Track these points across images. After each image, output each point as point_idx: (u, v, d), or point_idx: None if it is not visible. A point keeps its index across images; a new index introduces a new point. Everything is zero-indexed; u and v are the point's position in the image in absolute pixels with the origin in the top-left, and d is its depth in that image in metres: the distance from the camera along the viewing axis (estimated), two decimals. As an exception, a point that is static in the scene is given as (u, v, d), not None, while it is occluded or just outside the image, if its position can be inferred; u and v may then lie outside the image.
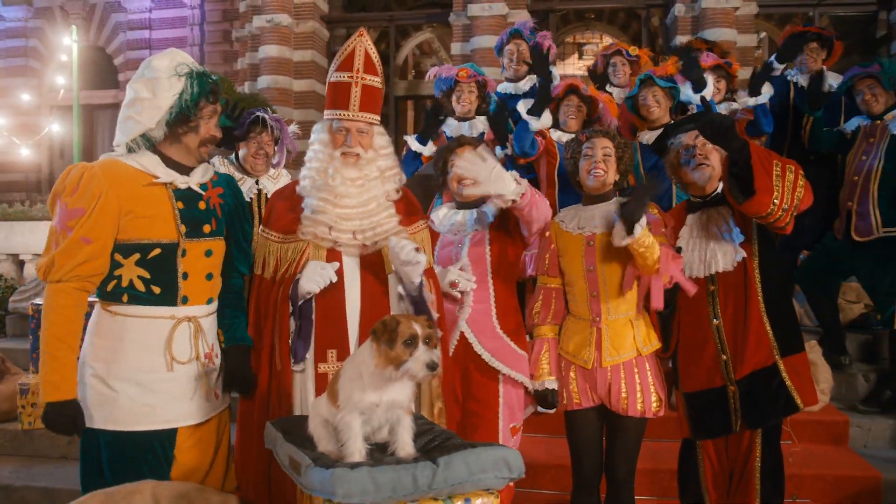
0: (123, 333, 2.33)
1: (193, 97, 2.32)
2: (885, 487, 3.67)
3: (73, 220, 2.24)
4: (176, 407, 2.37)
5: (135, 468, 2.29)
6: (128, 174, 2.33)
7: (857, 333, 5.01)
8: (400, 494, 1.80)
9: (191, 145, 2.41)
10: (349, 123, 2.61)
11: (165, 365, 2.35)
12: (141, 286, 2.33)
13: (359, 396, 1.95)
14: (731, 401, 2.76)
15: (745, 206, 2.55)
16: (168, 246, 2.35)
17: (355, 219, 2.58)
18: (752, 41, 10.14)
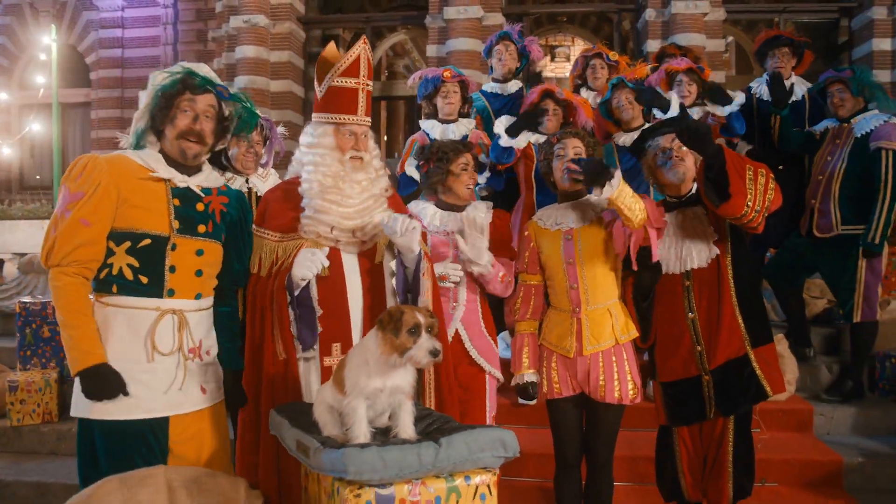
0: (110, 323, 2.38)
1: (164, 87, 2.43)
2: (846, 471, 3.89)
3: (73, 202, 2.31)
4: (157, 398, 2.40)
5: (128, 458, 2.33)
6: (130, 167, 2.42)
7: (820, 327, 5.21)
8: (406, 472, 1.93)
9: (170, 137, 2.46)
10: (356, 128, 2.70)
11: (147, 355, 2.39)
12: (129, 274, 2.38)
13: (364, 382, 2.08)
14: (705, 389, 2.93)
15: (721, 209, 2.70)
16: (158, 238, 2.41)
17: (356, 217, 2.70)
18: (720, 46, 10.37)
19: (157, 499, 2.17)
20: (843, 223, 4.41)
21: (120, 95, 15.10)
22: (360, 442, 2.03)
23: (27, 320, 4.75)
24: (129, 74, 15.12)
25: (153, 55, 15.08)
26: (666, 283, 2.91)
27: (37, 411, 4.47)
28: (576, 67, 5.53)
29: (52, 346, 4.80)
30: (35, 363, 4.77)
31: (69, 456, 4.35)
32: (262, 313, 2.69)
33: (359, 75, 2.68)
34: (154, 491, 2.18)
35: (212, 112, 2.53)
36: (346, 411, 2.12)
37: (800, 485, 3.85)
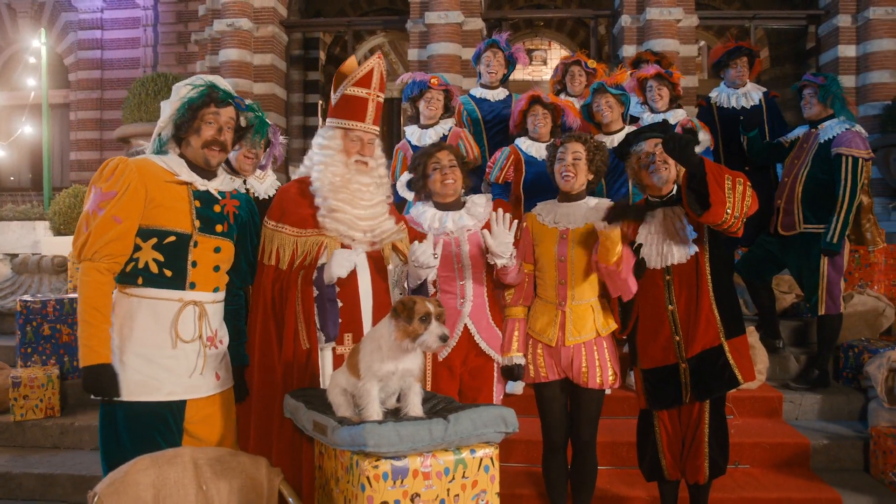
0: (135, 312, 2.56)
1: (192, 100, 2.61)
2: (813, 452, 4.16)
3: (105, 201, 2.48)
4: (179, 381, 2.59)
5: (150, 438, 2.51)
6: (156, 170, 2.60)
7: (789, 320, 5.48)
8: (418, 445, 2.14)
9: (195, 146, 2.65)
10: (363, 134, 2.92)
11: (171, 342, 2.57)
12: (155, 268, 2.56)
13: (378, 366, 2.29)
14: (682, 376, 3.16)
15: (703, 217, 2.91)
16: (182, 235, 2.60)
17: (368, 219, 2.92)
18: (692, 51, 10.66)
19: (185, 476, 2.35)
20: (804, 222, 4.69)
21: (99, 97, 15.09)
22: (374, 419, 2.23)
23: (28, 318, 4.87)
24: (108, 76, 15.11)
25: (133, 57, 15.09)
26: (647, 278, 3.14)
27: (39, 406, 4.59)
28: (556, 73, 5.74)
29: (51, 343, 4.93)
30: (36, 360, 4.89)
31: (72, 449, 4.51)
32: (282, 304, 2.87)
33: (370, 86, 2.90)
34: (182, 469, 2.36)
35: (232, 123, 2.73)
36: (360, 393, 2.33)
37: (770, 466, 4.11)
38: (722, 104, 5.40)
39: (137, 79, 8.54)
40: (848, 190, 4.50)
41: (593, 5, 12.79)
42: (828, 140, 4.64)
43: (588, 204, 3.24)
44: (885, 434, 3.98)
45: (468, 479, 2.24)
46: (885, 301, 5.31)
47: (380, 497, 2.11)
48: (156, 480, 2.30)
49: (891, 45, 10.00)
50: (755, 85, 5.49)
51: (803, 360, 5.04)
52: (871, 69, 10.06)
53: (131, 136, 8.24)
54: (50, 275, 6.05)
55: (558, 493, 3.35)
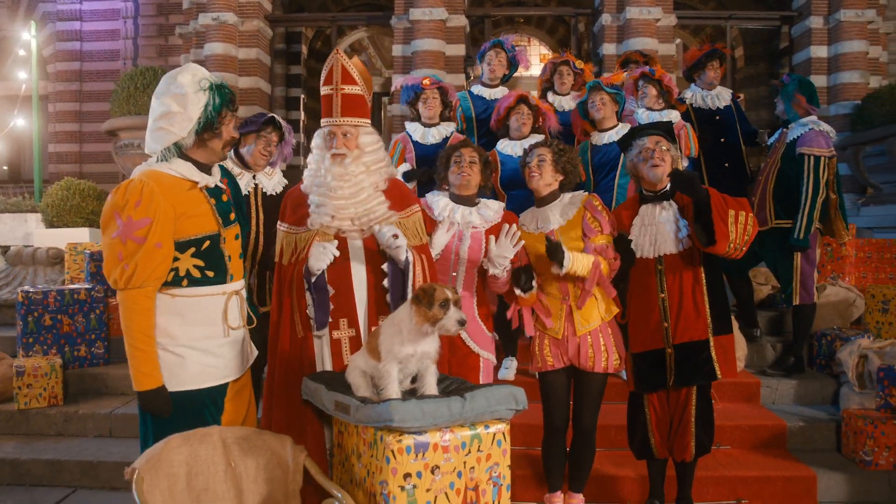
0: (185, 310, 2.67)
1: (216, 107, 2.69)
2: (789, 434, 4.40)
3: (141, 229, 2.53)
4: (230, 364, 2.78)
5: (201, 419, 2.66)
6: (172, 182, 2.66)
7: (765, 311, 5.74)
8: (438, 421, 2.32)
9: (216, 148, 2.76)
10: (335, 128, 3.03)
11: (223, 332, 2.74)
12: (197, 273, 2.68)
13: (398, 349, 2.46)
14: (668, 361, 3.37)
15: (708, 249, 3.14)
16: (213, 237, 2.72)
17: (350, 207, 3.02)
18: (671, 50, 10.89)
19: (215, 454, 2.51)
20: (776, 217, 4.94)
21: (78, 89, 15.00)
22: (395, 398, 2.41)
23: (29, 309, 4.95)
24: (88, 68, 15.02)
25: (113, 49, 15.01)
26: (640, 266, 3.35)
27: (43, 395, 4.69)
28: (545, 72, 5.92)
29: (52, 333, 5.02)
30: (37, 350, 4.98)
31: (76, 437, 4.62)
32: (280, 298, 3.06)
33: (332, 82, 3.02)
34: (212, 448, 2.51)
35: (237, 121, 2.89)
36: (380, 374, 2.50)
37: (750, 447, 4.35)
38: (697, 105, 5.64)
39: (125, 72, 8.58)
40: (811, 188, 4.75)
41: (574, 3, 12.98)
42: (794, 139, 4.88)
43: (563, 200, 3.41)
44: (855, 416, 4.23)
45: (483, 453, 2.43)
46: (855, 292, 5.58)
47: (403, 469, 2.29)
48: (188, 458, 2.45)
49: (861, 46, 10.34)
50: (722, 87, 5.73)
51: (779, 348, 5.29)
52: (841, 69, 10.39)
53: (119, 129, 8.26)
54: (45, 266, 6.11)
55: (556, 473, 3.54)
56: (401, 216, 3.14)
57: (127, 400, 4.86)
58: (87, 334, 5.11)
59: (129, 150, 8.22)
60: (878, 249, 6.15)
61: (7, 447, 4.41)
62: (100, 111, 15.00)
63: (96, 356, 5.16)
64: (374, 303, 3.04)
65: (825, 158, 4.75)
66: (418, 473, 2.31)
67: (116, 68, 15.01)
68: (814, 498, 3.97)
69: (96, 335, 5.15)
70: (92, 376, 5.04)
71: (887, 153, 9.12)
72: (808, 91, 4.94)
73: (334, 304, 3.01)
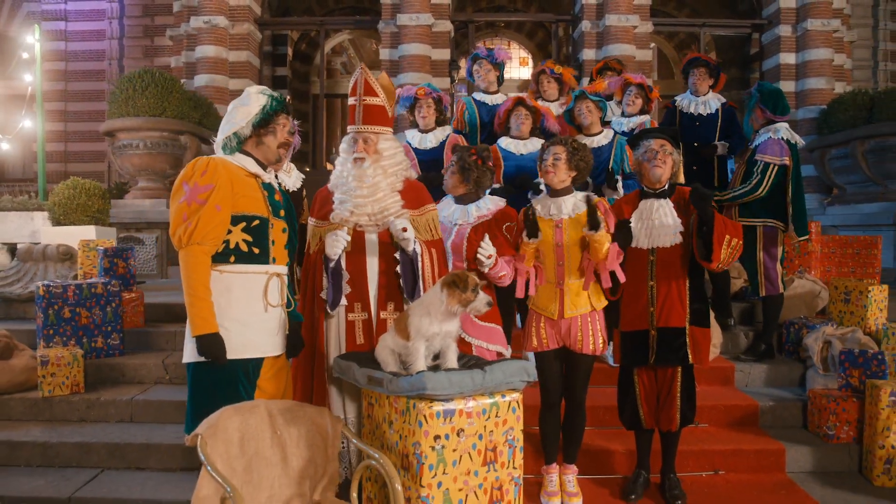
0: (231, 286, 3.00)
1: (272, 107, 3.09)
2: (760, 413, 4.82)
3: (204, 192, 2.90)
4: (268, 340, 3.09)
5: (235, 391, 2.97)
6: (234, 168, 3.06)
7: (738, 302, 6.15)
8: (464, 389, 2.68)
9: (271, 146, 3.14)
10: (357, 134, 3.45)
11: (263, 308, 3.06)
12: (245, 247, 3.03)
13: (427, 328, 2.82)
14: (651, 341, 3.77)
15: (700, 261, 3.56)
16: (263, 219, 3.08)
17: (368, 205, 3.42)
18: (648, 55, 11.37)
19: (262, 423, 2.84)
20: (739, 216, 5.35)
21: (63, 88, 15.14)
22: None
23: (50, 302, 5.21)
24: (73, 68, 15.17)
25: (98, 49, 15.17)
26: (636, 256, 3.74)
27: (66, 383, 4.95)
28: (532, 84, 6.31)
29: (71, 325, 5.28)
30: (57, 341, 5.24)
31: (99, 422, 4.88)
32: (308, 283, 3.43)
33: (356, 94, 3.45)
34: (259, 418, 2.84)
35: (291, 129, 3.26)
36: (409, 351, 2.86)
37: (725, 425, 4.76)
38: (683, 109, 6.06)
39: (125, 74, 8.78)
40: (752, 185, 5.16)
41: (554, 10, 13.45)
42: (756, 146, 5.31)
43: (576, 197, 3.79)
44: (820, 395, 4.65)
45: (500, 418, 2.80)
46: (820, 284, 6.03)
47: (434, 431, 2.65)
48: (240, 426, 2.77)
49: (826, 54, 10.89)
50: (717, 95, 6.15)
51: (751, 336, 5.71)
52: (808, 76, 10.94)
53: (118, 130, 8.48)
54: (55, 262, 6.35)
55: (551, 444, 3.91)
56: (414, 213, 3.52)
57: (145, 388, 5.14)
58: (104, 326, 5.38)
59: (127, 150, 8.44)
60: (840, 245, 6.62)
61: (35, 432, 4.66)
62: (86, 111, 15.17)
63: (112, 347, 5.43)
64: (384, 290, 3.44)
65: (773, 166, 5.15)
66: (446, 436, 2.67)
67: (102, 68, 15.18)
68: (782, 468, 4.39)
69: (112, 327, 5.42)
70: (109, 366, 5.31)
71: (850, 156, 9.66)
72: (772, 102, 5.28)
73: (350, 289, 3.40)
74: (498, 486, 2.82)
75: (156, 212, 8.41)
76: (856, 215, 9.55)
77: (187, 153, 8.88)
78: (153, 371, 5.30)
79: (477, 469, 2.76)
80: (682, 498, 3.88)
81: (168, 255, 8.55)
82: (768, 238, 5.27)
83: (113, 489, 4.12)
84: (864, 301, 5.42)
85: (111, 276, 5.78)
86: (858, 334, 5.14)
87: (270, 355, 3.13)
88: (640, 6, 10.96)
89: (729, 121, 6.01)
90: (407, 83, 10.62)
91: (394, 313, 3.37)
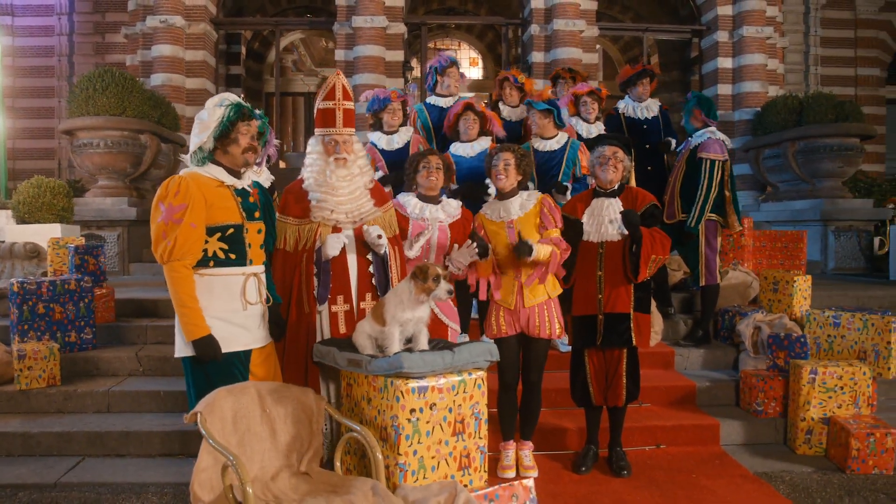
0: (212, 287, 3.26)
1: (229, 118, 3.30)
2: (698, 392, 5.27)
3: (179, 212, 3.14)
4: (249, 334, 3.35)
5: (231, 376, 3.25)
6: (205, 180, 3.28)
7: (678, 293, 6.62)
8: (436, 368, 3.04)
9: (235, 154, 3.35)
10: (337, 136, 3.71)
11: (242, 306, 3.32)
12: (222, 255, 3.28)
13: (401, 314, 3.15)
14: (598, 325, 4.17)
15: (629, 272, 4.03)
16: (237, 226, 3.32)
17: (347, 204, 3.72)
18: (594, 59, 11.86)
19: (253, 402, 3.13)
20: (681, 212, 5.80)
21: (11, 84, 14.89)
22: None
23: (24, 298, 5.35)
24: (20, 64, 14.96)
25: (47, 45, 14.99)
26: (586, 247, 4.13)
27: (42, 376, 5.11)
28: (497, 88, 6.63)
29: (45, 321, 5.43)
30: (31, 336, 5.38)
31: (76, 413, 5.05)
32: (289, 279, 3.69)
33: (335, 98, 3.71)
34: (250, 398, 3.14)
35: (256, 132, 3.48)
36: (385, 335, 3.19)
37: (666, 404, 5.21)
38: (629, 115, 6.50)
39: (85, 74, 8.84)
40: (705, 186, 5.62)
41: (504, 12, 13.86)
42: (696, 146, 5.78)
43: (522, 197, 4.15)
44: (750, 375, 5.13)
45: (467, 394, 3.16)
46: (752, 275, 6.54)
47: (409, 405, 2.99)
48: (233, 405, 3.07)
49: (761, 59, 11.54)
50: (653, 99, 6.62)
51: (690, 323, 6.18)
52: (744, 80, 11.58)
53: (77, 129, 8.56)
54: (23, 260, 6.47)
55: (509, 422, 4.28)
56: (382, 210, 3.86)
57: (120, 380, 5.33)
58: (77, 321, 5.55)
59: (87, 149, 8.53)
60: (771, 240, 7.18)
61: (14, 423, 4.82)
62: (33, 108, 15.01)
63: (86, 341, 5.60)
64: (363, 282, 3.75)
65: (719, 162, 5.63)
66: (420, 409, 3.02)
67: (51, 65, 15.01)
68: (717, 442, 4.85)
69: (85, 322, 5.59)
70: (84, 359, 5.48)
71: (782, 156, 10.31)
72: (706, 106, 5.79)
73: (333, 284, 3.69)
74: (466, 454, 3.18)
75: (117, 210, 8.52)
76: (787, 211, 10.19)
77: (147, 152, 9.00)
78: (127, 363, 5.49)
79: (447, 439, 3.11)
80: (627, 469, 4.28)
81: (129, 252, 8.67)
82: (710, 231, 5.74)
83: (97, 474, 4.32)
84: (790, 290, 5.94)
85: (82, 272, 5.94)
86: (785, 320, 5.64)
87: (253, 347, 3.39)
88: (587, 11, 11.43)
89: (667, 122, 6.50)
90: (361, 83, 10.95)
91: (371, 303, 3.68)
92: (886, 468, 4.42)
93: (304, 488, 3.00)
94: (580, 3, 11.30)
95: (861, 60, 16.01)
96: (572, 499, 3.94)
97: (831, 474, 4.41)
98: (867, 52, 15.99)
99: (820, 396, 4.72)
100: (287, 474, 3.09)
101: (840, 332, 5.30)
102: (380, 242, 3.65)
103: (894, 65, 16.62)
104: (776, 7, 12.10)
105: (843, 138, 9.69)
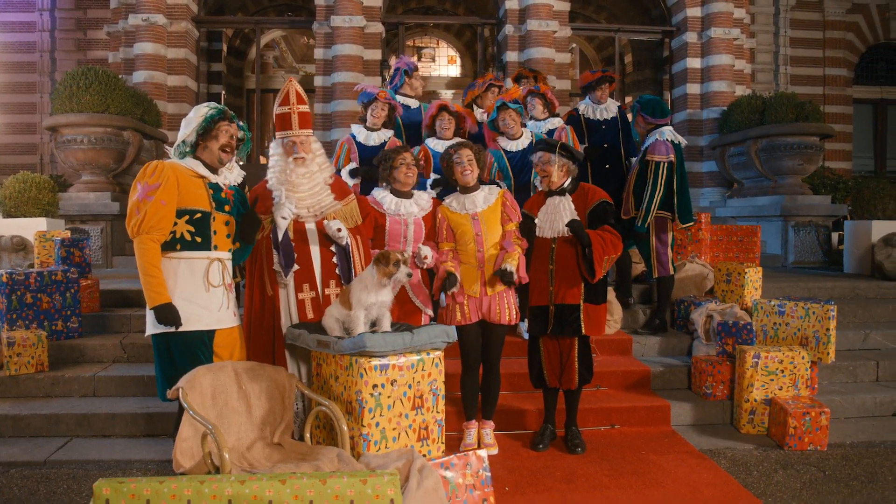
0: (177, 269, 3.57)
1: (212, 116, 3.68)
2: (652, 377, 5.62)
3: (152, 190, 3.46)
4: (212, 315, 3.63)
5: (194, 355, 3.54)
6: (183, 169, 3.62)
7: (638, 284, 6.97)
8: (397, 348, 3.35)
9: (213, 149, 3.70)
10: (294, 138, 4.02)
11: (205, 287, 3.62)
12: (188, 237, 3.58)
13: (366, 298, 3.46)
14: (550, 315, 4.50)
15: (585, 274, 4.34)
16: (205, 213, 3.63)
17: (307, 199, 4.04)
18: (567, 59, 12.18)
19: (230, 380, 3.42)
20: (635, 208, 6.13)
21: (-8, 80, 15.00)
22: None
23: (13, 288, 5.60)
24: (1, 59, 15.05)
25: (29, 41, 15.09)
26: (540, 242, 4.45)
27: (31, 363, 5.37)
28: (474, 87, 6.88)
29: (33, 310, 5.69)
30: (20, 325, 5.63)
31: (64, 397, 5.32)
32: (252, 265, 4.02)
33: (290, 103, 4.02)
34: (227, 376, 3.43)
35: (235, 134, 3.81)
36: (352, 318, 3.50)
37: (623, 387, 5.55)
38: (588, 116, 6.83)
39: (68, 72, 9.03)
40: (650, 188, 5.95)
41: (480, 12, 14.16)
42: (646, 147, 6.11)
43: (484, 191, 4.47)
44: (701, 361, 5.48)
45: (426, 372, 3.47)
46: (708, 268, 6.90)
47: (372, 381, 3.30)
48: (212, 381, 3.36)
49: (728, 60, 11.93)
50: (612, 101, 6.96)
51: (648, 312, 6.53)
52: (712, 79, 11.97)
53: (61, 126, 8.77)
54: (10, 252, 6.70)
55: (471, 403, 4.59)
56: (342, 204, 4.17)
57: (105, 366, 5.60)
58: (64, 310, 5.80)
59: (71, 145, 8.74)
60: (727, 234, 7.56)
61: (4, 406, 5.07)
62: (15, 103, 15.12)
63: (72, 330, 5.86)
64: (325, 272, 4.05)
65: (664, 163, 5.95)
66: (382, 385, 3.33)
67: (33, 60, 15.13)
68: (668, 422, 5.20)
69: (71, 311, 5.85)
70: (70, 347, 5.74)
71: (746, 153, 10.70)
72: (650, 109, 6.09)
73: (299, 273, 3.99)
74: (424, 427, 3.49)
75: (100, 204, 8.75)
76: (751, 207, 10.59)
77: (130, 148, 9.22)
78: (111, 351, 5.76)
79: (407, 412, 3.43)
80: (581, 446, 4.61)
81: (112, 246, 8.90)
82: (659, 226, 6.08)
83: (84, 453, 4.60)
84: (741, 281, 6.30)
85: (69, 264, 6.20)
86: (736, 309, 6.00)
87: (216, 328, 3.67)
88: (560, 13, 11.75)
89: (626, 122, 6.83)
90: (340, 82, 11.23)
91: (335, 290, 3.98)
92: (821, 444, 4.78)
93: (277, 457, 3.30)
94: (553, 5, 11.60)
95: (829, 61, 16.46)
96: (528, 472, 4.27)
97: (770, 451, 4.78)
98: (835, 53, 16.45)
99: (762, 379, 5.08)
100: (261, 445, 3.38)
101: (785, 319, 5.65)
102: (340, 235, 3.97)
103: (861, 65, 17.11)
104: (743, 9, 12.48)
105: (802, 137, 10.08)
